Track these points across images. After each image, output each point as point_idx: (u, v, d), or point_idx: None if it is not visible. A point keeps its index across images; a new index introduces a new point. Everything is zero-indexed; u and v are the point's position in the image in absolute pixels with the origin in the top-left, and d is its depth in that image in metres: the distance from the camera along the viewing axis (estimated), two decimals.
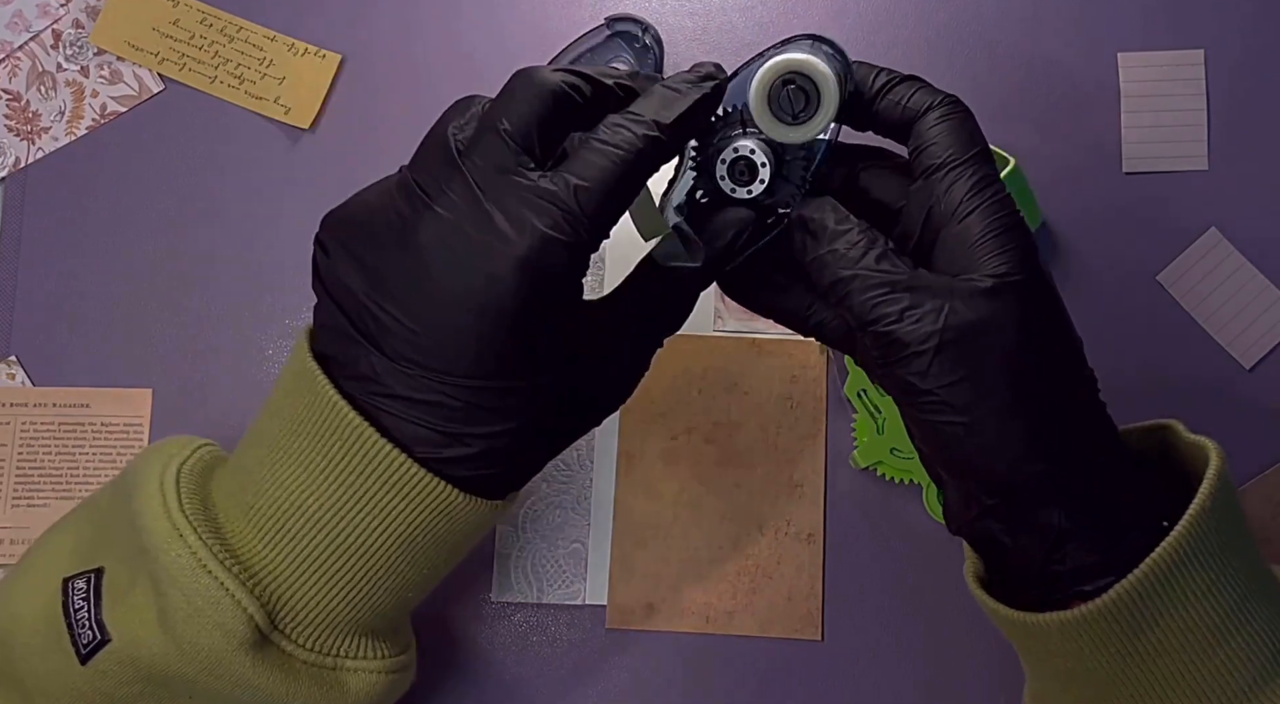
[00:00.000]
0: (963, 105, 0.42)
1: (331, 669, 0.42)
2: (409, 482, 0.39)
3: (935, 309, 0.39)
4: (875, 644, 0.54)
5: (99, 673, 0.41)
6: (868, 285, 0.40)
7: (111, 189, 0.58)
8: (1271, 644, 0.39)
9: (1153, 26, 0.57)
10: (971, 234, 0.39)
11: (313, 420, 0.40)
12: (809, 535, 0.55)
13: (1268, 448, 0.54)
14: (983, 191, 0.40)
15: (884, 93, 0.42)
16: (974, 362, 0.38)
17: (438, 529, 0.41)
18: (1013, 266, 0.39)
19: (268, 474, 0.41)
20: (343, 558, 0.40)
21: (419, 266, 0.38)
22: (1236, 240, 0.56)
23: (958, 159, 0.40)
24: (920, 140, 0.41)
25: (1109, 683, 0.40)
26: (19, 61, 0.59)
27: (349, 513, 0.40)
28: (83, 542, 0.43)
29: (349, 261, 0.39)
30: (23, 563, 0.45)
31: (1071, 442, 0.39)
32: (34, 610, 0.42)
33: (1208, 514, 0.38)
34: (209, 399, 0.56)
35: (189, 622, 0.40)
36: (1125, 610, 0.38)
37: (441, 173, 0.39)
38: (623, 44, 0.58)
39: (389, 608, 0.42)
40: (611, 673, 0.54)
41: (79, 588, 0.41)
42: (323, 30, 0.59)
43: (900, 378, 0.39)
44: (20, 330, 0.57)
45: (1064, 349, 0.41)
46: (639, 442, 0.56)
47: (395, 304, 0.38)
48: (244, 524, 0.41)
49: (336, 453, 0.39)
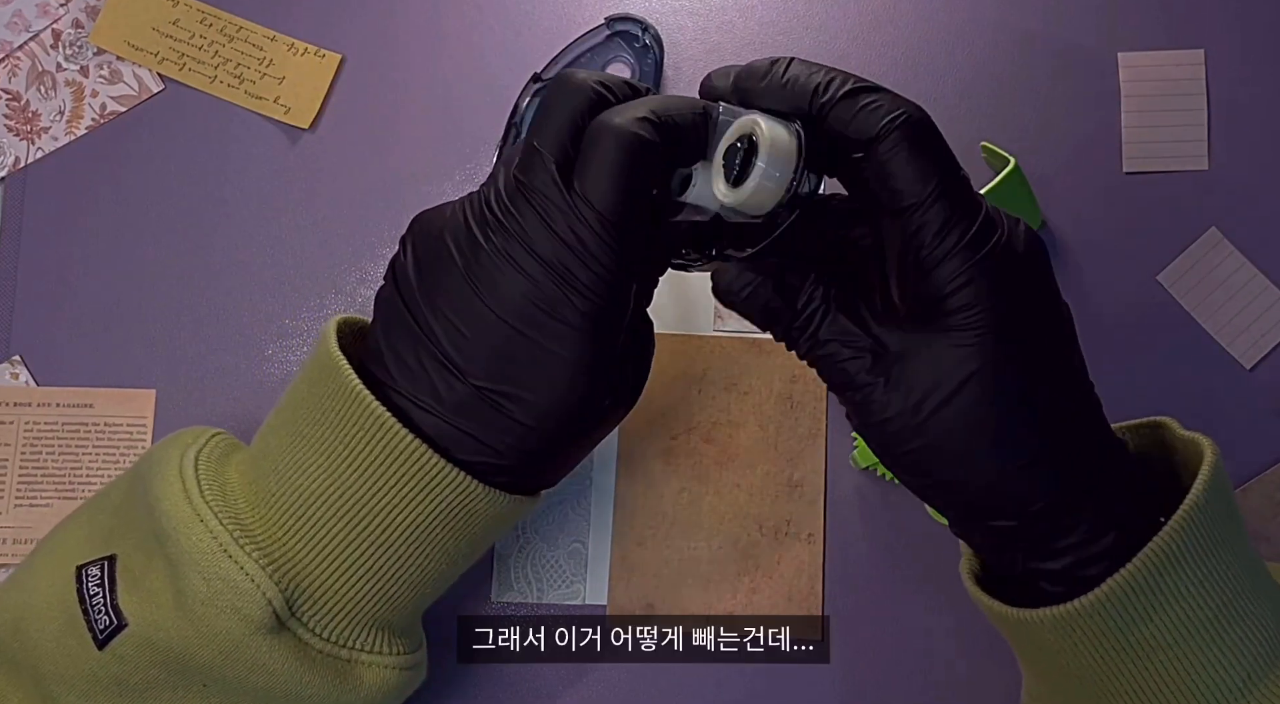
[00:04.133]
0: (917, 122, 0.38)
1: (347, 661, 0.42)
2: (429, 472, 0.40)
3: (902, 383, 0.38)
4: (875, 644, 0.54)
5: (116, 658, 0.41)
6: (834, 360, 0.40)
7: (111, 189, 0.58)
8: (1265, 640, 0.39)
9: (1153, 26, 0.57)
10: (940, 287, 0.37)
11: (336, 410, 0.40)
12: (809, 535, 0.55)
13: (1268, 448, 0.54)
14: (947, 238, 0.37)
15: (831, 107, 0.38)
16: (957, 421, 0.38)
17: (457, 522, 0.41)
18: (982, 327, 0.37)
19: (289, 462, 0.41)
20: (362, 547, 0.41)
21: (479, 281, 0.39)
22: (1236, 240, 0.56)
23: (919, 199, 0.37)
24: (878, 172, 0.38)
25: (1103, 679, 0.40)
26: (19, 61, 0.59)
27: (370, 502, 0.40)
28: (96, 531, 0.43)
29: (416, 259, 0.41)
30: (35, 554, 0.45)
31: (1078, 463, 0.39)
32: (48, 599, 0.42)
33: (1201, 510, 0.38)
34: (212, 399, 0.56)
35: (207, 605, 0.40)
36: (1118, 605, 0.38)
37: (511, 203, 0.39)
38: (623, 44, 0.58)
39: (406, 602, 0.43)
40: (612, 673, 0.54)
41: (93, 575, 0.41)
42: (323, 30, 0.59)
43: (877, 443, 0.40)
44: (23, 330, 0.57)
45: (1056, 381, 0.39)
46: (639, 442, 0.56)
47: (450, 308, 0.39)
48: (264, 511, 0.41)
49: (358, 442, 0.40)
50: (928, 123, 0.38)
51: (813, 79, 0.38)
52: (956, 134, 0.56)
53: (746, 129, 0.39)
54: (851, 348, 0.39)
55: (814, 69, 0.39)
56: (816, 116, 0.38)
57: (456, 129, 0.58)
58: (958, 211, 0.37)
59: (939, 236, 0.37)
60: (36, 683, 0.42)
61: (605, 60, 0.58)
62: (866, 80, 0.39)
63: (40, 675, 0.42)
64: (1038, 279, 0.39)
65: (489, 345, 0.39)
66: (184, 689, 0.42)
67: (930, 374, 0.38)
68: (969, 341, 0.37)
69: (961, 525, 0.41)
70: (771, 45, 0.58)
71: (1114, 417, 0.45)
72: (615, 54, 0.58)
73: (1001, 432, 0.38)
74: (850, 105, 0.38)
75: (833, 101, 0.38)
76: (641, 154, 0.38)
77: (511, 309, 0.39)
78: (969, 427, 0.38)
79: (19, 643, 0.43)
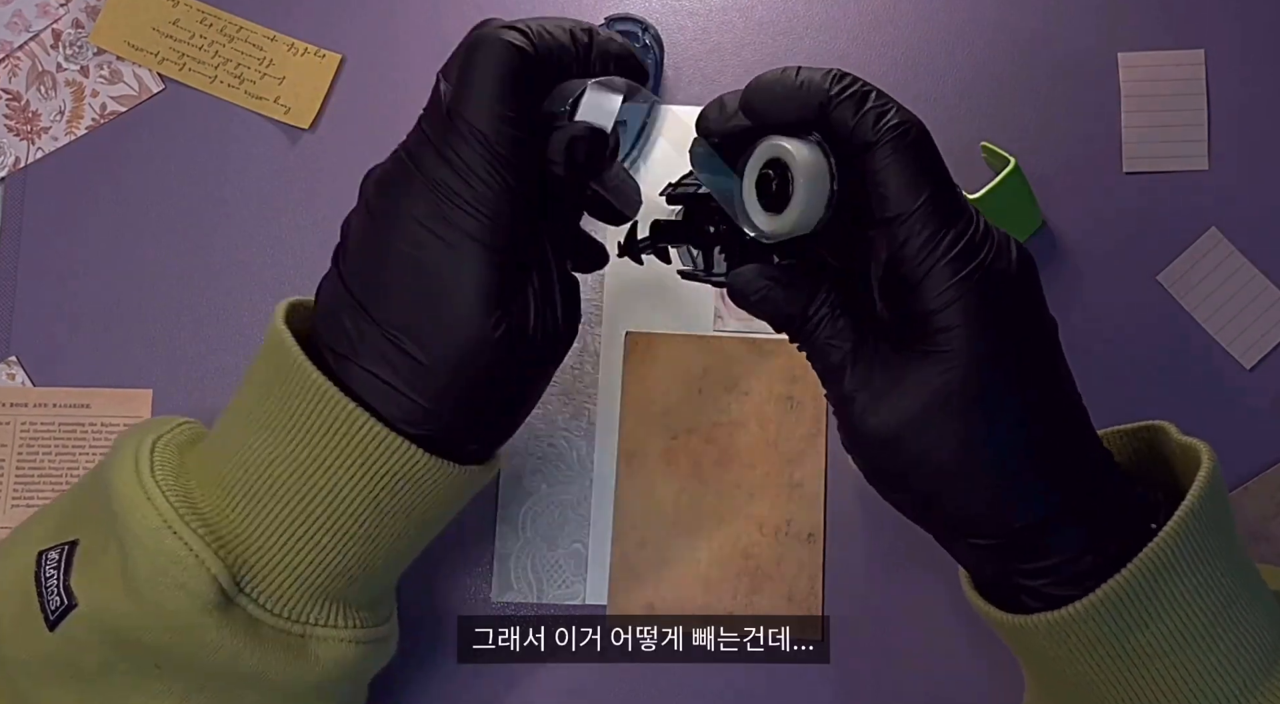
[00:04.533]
0: (912, 132, 0.38)
1: (300, 636, 0.42)
2: (371, 440, 0.39)
3: (885, 397, 0.38)
4: (875, 644, 0.54)
5: (67, 639, 0.41)
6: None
7: (111, 189, 0.58)
8: (1261, 646, 0.39)
9: (1153, 26, 0.57)
10: (926, 303, 0.37)
11: (280, 382, 0.40)
12: (809, 535, 0.55)
13: (1268, 448, 0.54)
14: (933, 251, 0.37)
15: (834, 107, 0.38)
16: (933, 442, 0.38)
17: (403, 491, 0.41)
18: (965, 348, 0.37)
19: (236, 440, 0.41)
20: (308, 520, 0.41)
21: (409, 247, 0.40)
22: (1236, 240, 0.56)
23: (907, 210, 0.37)
24: (871, 180, 0.38)
25: (1100, 686, 0.40)
26: (19, 61, 0.59)
27: (313, 474, 0.40)
28: (61, 518, 0.44)
29: (361, 220, 0.41)
30: (3, 543, 0.45)
31: (1060, 483, 0.39)
32: (12, 584, 0.42)
33: (1196, 518, 0.38)
34: (209, 399, 0.56)
35: (152, 582, 0.40)
36: (1112, 611, 0.38)
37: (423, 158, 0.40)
38: None
39: (359, 574, 0.42)
40: (612, 673, 0.54)
41: (52, 558, 0.42)
42: (323, 30, 0.59)
43: (859, 455, 0.40)
44: (20, 330, 0.57)
45: (1039, 401, 0.39)
46: (639, 442, 0.56)
47: (362, 249, 0.40)
48: (213, 489, 0.41)
49: (300, 413, 0.40)
50: (925, 135, 0.38)
51: (827, 78, 0.38)
52: (956, 134, 0.57)
53: (772, 154, 0.39)
54: (843, 353, 0.39)
55: (823, 71, 0.39)
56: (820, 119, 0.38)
57: None
58: (946, 225, 0.37)
59: (925, 249, 0.37)
60: (1, 668, 0.43)
61: None
62: (873, 86, 0.39)
63: (3, 658, 0.42)
64: (1025, 297, 0.39)
65: (392, 282, 0.39)
66: (137, 674, 0.42)
67: (912, 392, 0.38)
68: (952, 363, 0.37)
69: (941, 541, 0.41)
70: (771, 45, 0.58)
71: (1114, 418, 0.45)
72: None
73: (980, 453, 0.38)
74: (853, 108, 0.38)
75: (839, 100, 0.38)
76: (517, 64, 0.39)
77: (405, 235, 0.39)
78: (946, 447, 0.38)
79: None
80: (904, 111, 0.38)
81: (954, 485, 0.38)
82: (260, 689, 0.42)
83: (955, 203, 0.38)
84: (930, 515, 0.40)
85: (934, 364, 0.37)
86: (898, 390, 0.38)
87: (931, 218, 0.37)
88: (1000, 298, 0.38)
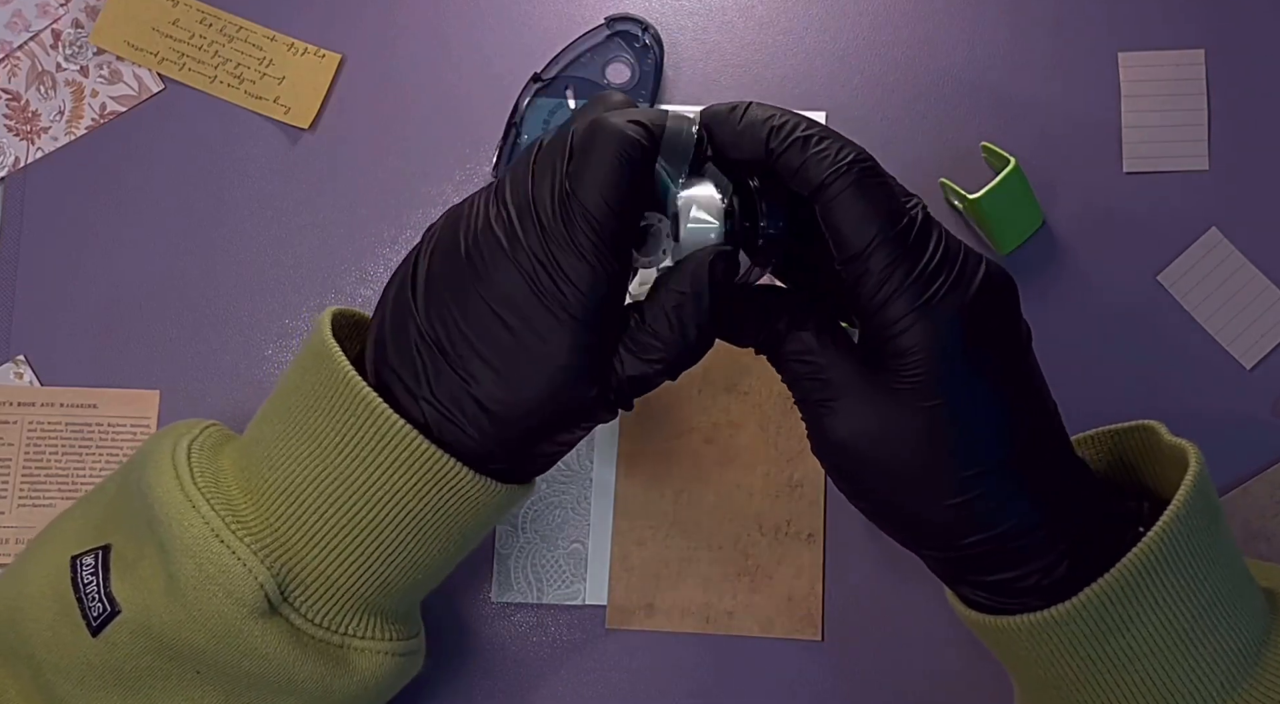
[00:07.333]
0: (860, 170, 0.39)
1: (339, 646, 0.43)
2: (418, 457, 0.40)
3: (850, 414, 0.40)
4: (875, 644, 0.54)
5: (110, 644, 0.41)
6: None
7: (111, 189, 0.58)
8: (1241, 650, 0.39)
9: (1153, 26, 0.57)
10: (885, 329, 0.39)
11: (328, 396, 0.41)
12: (809, 535, 0.55)
13: (1267, 448, 0.54)
14: (888, 283, 0.38)
15: (779, 155, 0.39)
16: (892, 459, 0.39)
17: (448, 508, 0.41)
18: (924, 372, 0.38)
19: (281, 449, 0.41)
20: (354, 533, 0.41)
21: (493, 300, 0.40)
22: (1236, 240, 0.56)
23: (859, 250, 0.39)
24: (824, 222, 0.39)
25: (1081, 690, 0.40)
26: (19, 61, 0.59)
27: (361, 488, 0.40)
28: (89, 523, 0.44)
29: (433, 249, 0.41)
30: (30, 547, 0.45)
31: (1039, 486, 0.39)
32: (41, 589, 0.42)
33: (1181, 522, 0.39)
34: (214, 400, 0.57)
35: (199, 588, 0.40)
36: (1091, 615, 0.38)
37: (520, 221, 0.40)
38: (623, 44, 0.58)
39: (399, 587, 0.43)
40: (611, 673, 0.54)
41: (87, 564, 0.42)
42: (323, 30, 0.59)
43: (827, 464, 0.42)
44: (27, 330, 0.57)
45: (1004, 419, 0.39)
46: (639, 442, 0.56)
47: (450, 293, 0.40)
48: (256, 497, 0.42)
49: (349, 428, 0.40)
50: (868, 172, 0.39)
51: (767, 126, 0.40)
52: (956, 134, 0.57)
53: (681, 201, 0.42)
54: (810, 369, 0.41)
55: (770, 114, 0.40)
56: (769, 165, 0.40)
57: (456, 129, 0.58)
58: (898, 259, 0.38)
59: (879, 282, 0.38)
60: (33, 673, 0.43)
61: (605, 60, 0.58)
62: (817, 125, 0.40)
63: (37, 665, 0.43)
64: (991, 313, 0.40)
65: (476, 333, 0.39)
66: (177, 677, 0.42)
67: (873, 412, 0.39)
68: (911, 384, 0.38)
69: (907, 547, 0.42)
70: (771, 45, 0.58)
71: (1113, 417, 0.46)
72: (615, 54, 0.58)
73: (940, 469, 0.39)
74: (798, 154, 0.39)
75: (780, 150, 0.39)
76: (636, 156, 0.39)
77: (499, 296, 0.39)
78: (907, 463, 0.39)
79: (14, 634, 0.43)
80: (846, 149, 0.39)
81: (915, 498, 0.39)
82: (298, 698, 0.43)
83: (907, 233, 0.39)
84: (889, 524, 0.41)
85: (898, 383, 0.39)
86: (859, 406, 0.39)
87: (883, 254, 0.38)
88: (958, 320, 0.38)
